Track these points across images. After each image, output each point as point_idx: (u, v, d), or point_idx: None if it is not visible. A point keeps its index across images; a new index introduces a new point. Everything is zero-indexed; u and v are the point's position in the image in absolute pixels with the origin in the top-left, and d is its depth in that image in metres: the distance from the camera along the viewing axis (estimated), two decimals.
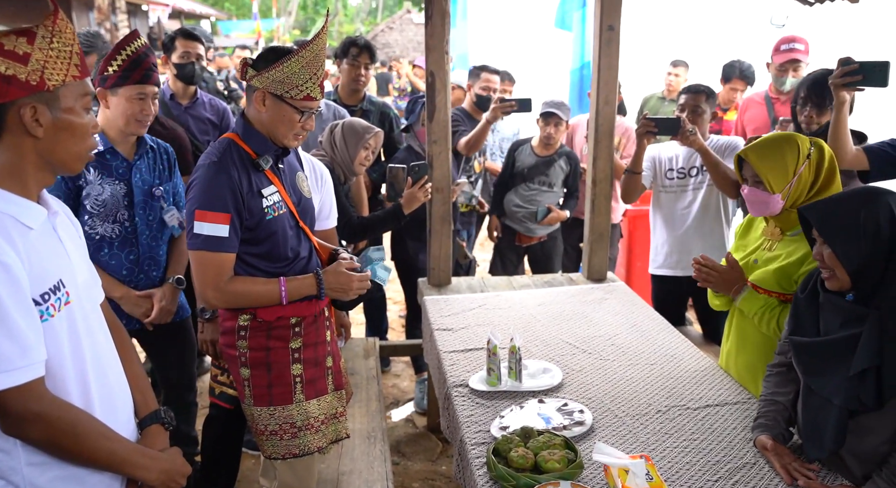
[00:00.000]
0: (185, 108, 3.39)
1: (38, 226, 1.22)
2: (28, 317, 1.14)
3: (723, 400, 2.02)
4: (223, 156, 1.79)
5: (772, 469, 1.65)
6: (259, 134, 1.84)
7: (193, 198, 1.77)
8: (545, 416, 1.90)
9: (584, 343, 2.45)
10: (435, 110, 2.91)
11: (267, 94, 1.78)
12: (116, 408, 1.36)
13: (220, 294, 1.80)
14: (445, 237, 3.11)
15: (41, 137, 1.19)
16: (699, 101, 3.01)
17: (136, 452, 1.33)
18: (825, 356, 1.55)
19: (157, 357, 2.59)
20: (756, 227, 2.19)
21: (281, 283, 1.84)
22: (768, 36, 4.55)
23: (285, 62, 1.72)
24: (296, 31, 24.05)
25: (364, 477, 2.21)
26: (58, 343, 1.21)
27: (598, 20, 2.91)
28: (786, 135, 2.00)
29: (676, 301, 3.29)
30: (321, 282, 1.89)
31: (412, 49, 19.48)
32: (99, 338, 1.35)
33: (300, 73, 1.75)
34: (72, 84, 1.22)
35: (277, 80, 1.74)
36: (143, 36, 2.32)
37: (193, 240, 1.76)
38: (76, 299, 1.27)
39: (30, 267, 1.16)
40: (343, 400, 2.06)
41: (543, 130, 3.72)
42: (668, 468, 1.69)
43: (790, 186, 1.94)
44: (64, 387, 1.22)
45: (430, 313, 2.78)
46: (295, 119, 1.81)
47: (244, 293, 1.83)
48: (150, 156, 2.36)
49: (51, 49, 1.18)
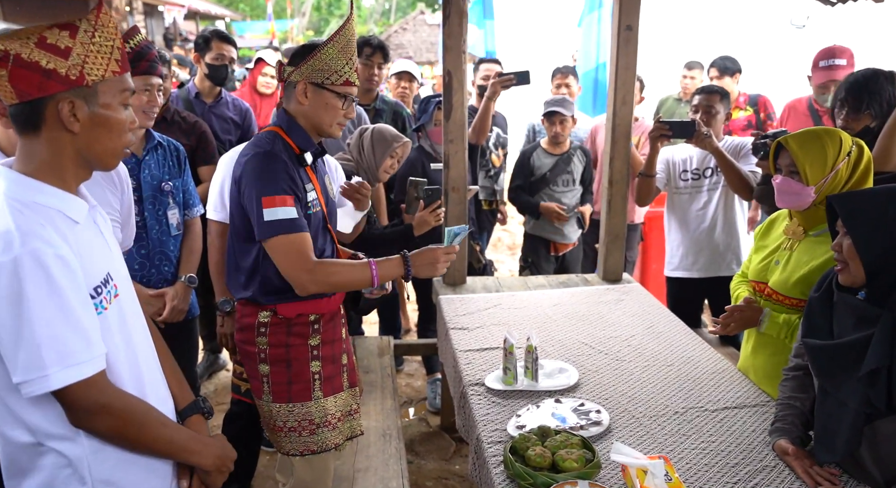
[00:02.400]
0: (210, 107, 3.43)
1: (83, 220, 1.23)
2: (88, 311, 1.16)
3: (741, 402, 2.01)
4: (273, 145, 1.80)
5: (792, 473, 1.64)
6: (301, 129, 1.86)
7: (252, 188, 1.75)
8: (561, 416, 1.90)
9: (600, 343, 2.44)
10: (451, 109, 2.91)
11: (308, 85, 1.82)
12: (164, 399, 1.39)
13: (313, 275, 1.76)
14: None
15: (77, 133, 1.19)
16: (713, 101, 3.00)
17: (193, 439, 1.36)
18: (839, 358, 1.53)
19: None
20: (777, 227, 2.17)
21: (371, 265, 1.83)
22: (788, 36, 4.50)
23: (322, 50, 1.77)
24: (309, 32, 24.13)
25: (380, 474, 2.22)
26: (112, 335, 1.23)
27: (617, 20, 2.89)
28: (829, 129, 1.97)
29: (692, 303, 3.27)
30: (408, 261, 1.87)
31: (425, 50, 19.48)
32: (142, 330, 1.38)
33: (337, 57, 1.80)
34: (111, 79, 1.21)
35: (316, 68, 1.79)
36: (160, 36, 2.35)
37: (267, 229, 1.73)
38: (123, 292, 1.29)
39: (81, 260, 1.17)
40: (357, 396, 2.07)
41: (550, 130, 3.69)
42: (686, 469, 1.68)
43: (825, 180, 1.91)
44: (120, 379, 1.25)
45: (446, 312, 2.78)
46: (338, 105, 1.84)
47: (337, 272, 1.80)
48: (158, 152, 2.37)
49: (92, 43, 1.18)
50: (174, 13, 14.72)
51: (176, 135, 2.95)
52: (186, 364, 2.63)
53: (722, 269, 3.08)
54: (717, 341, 3.07)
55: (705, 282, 3.14)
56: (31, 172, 1.19)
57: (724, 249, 3.10)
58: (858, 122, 2.53)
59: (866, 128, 2.53)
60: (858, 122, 2.53)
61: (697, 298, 3.29)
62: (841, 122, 2.58)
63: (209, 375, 3.86)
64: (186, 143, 2.73)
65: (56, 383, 1.12)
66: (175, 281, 2.39)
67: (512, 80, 3.30)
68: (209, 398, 3.60)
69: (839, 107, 2.59)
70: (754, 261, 2.17)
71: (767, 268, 2.08)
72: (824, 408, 1.60)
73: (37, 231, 1.12)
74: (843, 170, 1.91)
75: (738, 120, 4.28)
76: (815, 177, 1.91)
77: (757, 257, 2.16)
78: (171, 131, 2.95)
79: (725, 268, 3.09)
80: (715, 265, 3.11)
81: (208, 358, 3.89)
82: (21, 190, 1.17)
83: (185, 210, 2.46)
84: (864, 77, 2.53)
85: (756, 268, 2.14)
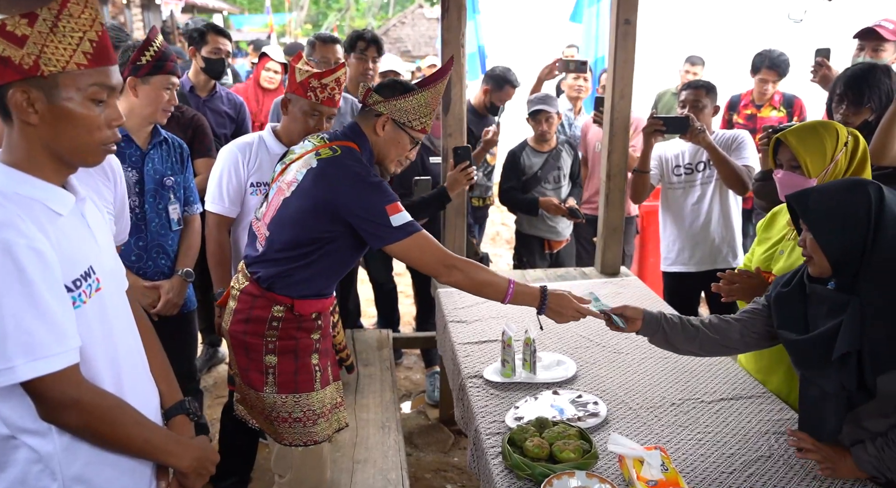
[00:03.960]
0: (204, 101, 3.42)
1: (66, 213, 1.21)
2: (62, 304, 1.14)
3: (737, 394, 2.03)
4: (364, 162, 1.86)
5: (787, 463, 1.66)
6: (370, 151, 1.93)
7: (374, 202, 1.79)
8: (559, 408, 1.91)
9: (597, 335, 2.45)
10: (450, 103, 2.92)
11: (389, 120, 1.89)
12: (145, 397, 1.37)
13: (456, 263, 1.85)
14: (460, 229, 3.12)
15: (36, 124, 1.15)
16: (699, 96, 3.01)
17: (170, 440, 1.33)
18: (815, 348, 1.57)
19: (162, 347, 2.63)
20: (779, 220, 2.19)
21: (510, 283, 1.89)
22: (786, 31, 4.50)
23: (414, 95, 1.86)
24: (307, 26, 24.06)
25: (379, 465, 2.24)
26: (90, 330, 1.21)
27: (615, 14, 2.90)
28: (825, 122, 2.00)
29: (689, 296, 3.28)
30: (545, 297, 1.92)
31: (424, 44, 19.43)
32: (126, 326, 1.35)
33: (424, 106, 1.89)
34: (75, 72, 1.14)
35: (403, 109, 1.87)
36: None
37: (402, 232, 1.79)
38: (106, 286, 1.27)
39: (61, 253, 1.15)
40: (341, 389, 2.11)
41: (537, 129, 3.62)
42: (682, 460, 1.70)
43: (826, 172, 1.94)
44: (97, 375, 1.23)
45: (444, 305, 2.79)
46: (407, 147, 1.95)
47: (479, 269, 1.89)
48: (163, 147, 2.40)
49: (53, 33, 1.12)
50: (171, 6, 14.66)
51: (174, 129, 2.95)
52: (185, 357, 2.66)
53: (718, 262, 3.10)
54: None
55: (702, 276, 3.16)
56: (13, 162, 1.17)
57: (719, 242, 3.11)
58: (859, 115, 2.54)
59: (865, 122, 2.54)
60: (859, 115, 2.54)
61: (694, 292, 3.31)
62: (840, 117, 2.58)
63: (208, 368, 3.87)
64: (183, 137, 2.74)
65: (22, 375, 1.10)
66: (172, 275, 2.40)
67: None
68: (208, 391, 3.61)
69: (838, 101, 2.59)
70: (757, 253, 2.19)
71: (772, 257, 2.10)
72: (807, 394, 1.64)
73: (12, 222, 1.10)
74: (842, 160, 1.94)
75: (769, 119, 4.10)
76: (817, 169, 1.94)
77: (760, 248, 2.18)
78: (169, 125, 2.95)
79: (722, 261, 3.11)
80: (711, 258, 3.13)
81: (207, 351, 3.90)
82: (3, 180, 1.16)
83: (185, 206, 2.48)
84: (863, 71, 2.54)
85: (759, 258, 2.16)
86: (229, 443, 2.48)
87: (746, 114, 4.22)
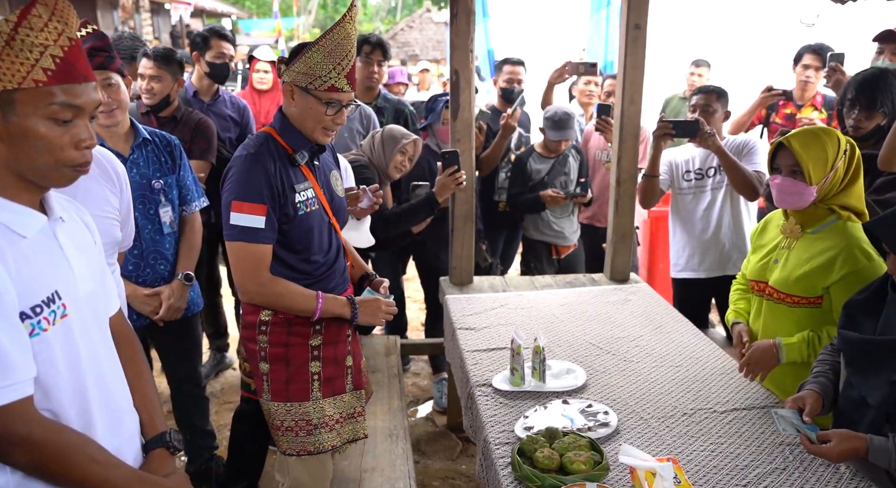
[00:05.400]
0: (208, 106, 3.43)
1: (32, 234, 1.13)
2: (12, 333, 1.05)
3: (750, 403, 2.00)
4: (259, 148, 1.80)
5: (803, 476, 1.62)
6: (295, 129, 1.85)
7: (230, 190, 1.78)
8: (569, 417, 1.89)
9: (607, 344, 2.43)
10: (459, 108, 2.91)
11: (294, 88, 1.80)
12: (121, 428, 1.28)
13: (260, 288, 1.81)
14: (468, 236, 3.10)
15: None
16: (710, 100, 2.98)
17: (135, 479, 1.22)
18: (874, 355, 1.53)
19: (167, 353, 2.61)
20: (772, 227, 2.16)
21: (318, 298, 1.86)
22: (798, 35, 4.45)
23: (307, 53, 1.74)
24: (315, 30, 24.18)
25: (386, 474, 2.22)
26: (52, 358, 1.12)
27: (625, 19, 2.88)
28: (826, 129, 1.98)
29: (699, 303, 3.25)
30: (355, 308, 1.93)
31: (432, 48, 19.46)
32: (99, 353, 1.25)
33: (323, 62, 1.74)
34: (32, 89, 1.07)
35: (301, 71, 1.76)
36: (166, 33, 2.34)
37: (230, 231, 1.78)
38: (75, 312, 1.17)
39: (19, 278, 1.08)
40: (362, 399, 2.06)
41: (553, 145, 3.59)
42: (694, 472, 1.67)
43: (826, 179, 1.91)
44: (59, 405, 1.15)
45: (453, 312, 2.78)
46: (321, 111, 1.80)
47: (283, 294, 1.84)
48: (147, 148, 2.32)
49: (9, 46, 1.05)
50: (181, 11, 14.77)
51: (182, 132, 2.96)
52: (190, 362, 2.64)
53: (728, 268, 3.07)
54: (725, 341, 3.05)
55: (712, 282, 3.13)
56: None
57: (730, 248, 3.08)
58: (871, 120, 2.51)
59: (878, 126, 2.51)
60: (871, 120, 2.51)
61: (705, 298, 3.28)
62: (852, 122, 2.55)
63: (216, 374, 3.86)
64: (182, 138, 2.71)
65: None
66: (172, 279, 2.37)
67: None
68: (216, 396, 3.60)
69: (849, 107, 2.56)
70: (752, 261, 2.16)
71: (767, 267, 2.07)
72: (847, 399, 1.60)
73: None
74: (841, 168, 1.92)
75: (810, 120, 3.81)
76: (818, 176, 1.91)
77: (755, 257, 2.15)
78: (178, 130, 2.95)
79: (732, 266, 3.07)
80: (721, 264, 3.10)
81: (215, 356, 3.90)
82: None
83: (182, 206, 2.43)
84: (874, 76, 2.51)
85: (755, 267, 2.13)
86: (239, 450, 2.48)
87: (786, 113, 3.99)
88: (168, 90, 3.00)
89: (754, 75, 4.39)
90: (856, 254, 1.86)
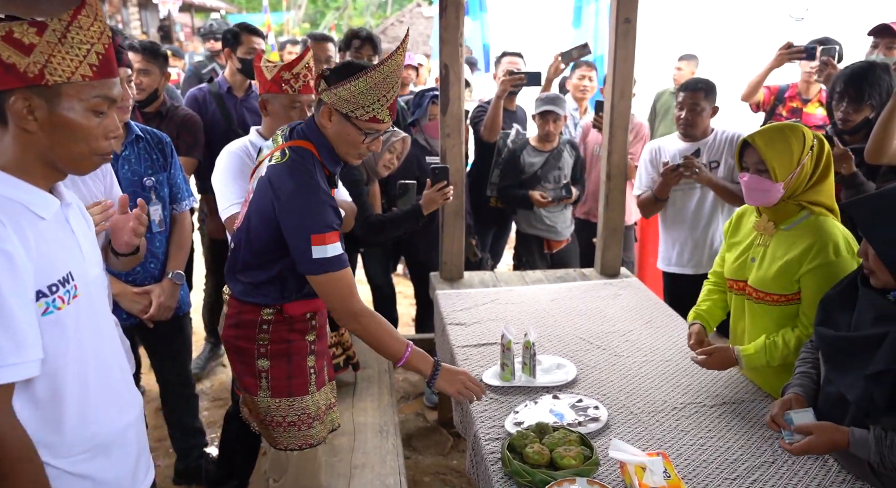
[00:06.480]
0: (241, 101, 3.42)
1: (50, 217, 1.20)
2: (27, 312, 1.11)
3: (739, 397, 2.00)
4: (313, 175, 1.74)
5: (791, 468, 1.63)
6: (330, 148, 1.81)
7: (301, 226, 1.70)
8: (559, 412, 1.89)
9: (597, 339, 2.43)
10: (448, 103, 2.89)
11: (333, 111, 1.75)
12: (118, 407, 1.33)
13: (358, 321, 1.78)
14: (458, 231, 3.10)
15: (34, 132, 1.15)
16: (697, 98, 2.95)
17: None
18: (848, 351, 1.53)
19: (156, 352, 2.59)
20: (745, 223, 2.15)
21: (408, 348, 1.83)
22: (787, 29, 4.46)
23: (353, 81, 1.67)
24: (305, 25, 24.02)
25: (377, 470, 2.21)
26: (63, 337, 1.18)
27: (615, 13, 2.87)
28: (791, 125, 1.97)
29: (689, 298, 3.25)
30: (437, 371, 1.86)
31: (422, 42, 19.39)
32: (103, 336, 1.31)
33: (368, 93, 1.69)
34: (79, 83, 1.16)
35: (344, 98, 1.70)
36: (154, 28, 2.32)
37: (317, 267, 1.71)
38: (85, 294, 1.24)
39: (38, 257, 1.13)
40: (335, 389, 2.08)
41: (542, 129, 3.58)
42: (684, 466, 1.67)
43: (793, 176, 1.91)
44: (62, 384, 1.20)
45: (443, 307, 2.77)
46: (358, 140, 1.77)
47: (376, 332, 1.81)
48: (140, 145, 2.30)
49: (61, 43, 1.14)
50: (169, 5, 14.64)
51: (168, 128, 2.92)
52: (180, 362, 2.62)
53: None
54: (714, 336, 3.06)
55: (699, 279, 3.13)
56: (1, 165, 1.17)
57: (718, 245, 3.08)
58: (859, 113, 2.52)
59: (866, 119, 2.52)
60: (859, 113, 2.52)
61: (695, 293, 3.27)
62: (841, 115, 2.56)
63: (207, 368, 3.82)
64: (170, 133, 2.68)
65: None
66: (163, 278, 2.35)
67: (522, 79, 3.29)
68: (206, 394, 3.58)
69: (838, 99, 2.57)
70: (728, 260, 2.15)
71: (744, 265, 2.07)
72: (827, 397, 1.61)
73: None
74: (808, 163, 1.91)
75: (814, 116, 3.78)
76: (784, 173, 1.91)
77: (731, 256, 2.14)
78: (163, 126, 2.92)
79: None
80: (709, 261, 3.09)
81: (210, 348, 3.85)
82: None
83: (172, 204, 2.41)
84: (862, 68, 2.51)
85: (732, 266, 2.12)
86: (230, 448, 2.46)
87: (792, 107, 3.96)
88: (156, 84, 2.97)
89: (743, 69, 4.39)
90: (828, 249, 1.85)
